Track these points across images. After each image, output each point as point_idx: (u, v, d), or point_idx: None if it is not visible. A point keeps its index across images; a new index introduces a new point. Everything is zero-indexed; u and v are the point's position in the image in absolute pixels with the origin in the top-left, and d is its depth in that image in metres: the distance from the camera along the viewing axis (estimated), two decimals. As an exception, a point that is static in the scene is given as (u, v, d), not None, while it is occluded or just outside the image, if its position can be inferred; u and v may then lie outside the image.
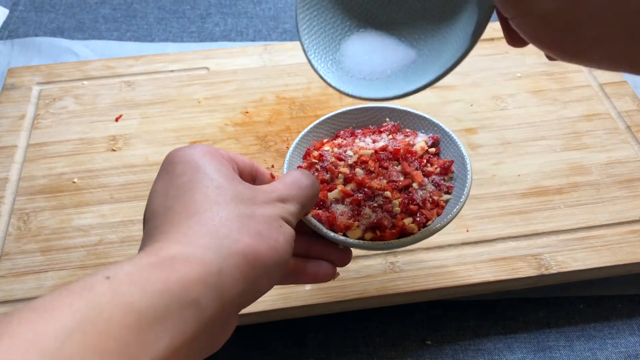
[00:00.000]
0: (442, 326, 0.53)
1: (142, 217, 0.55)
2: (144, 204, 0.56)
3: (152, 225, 0.31)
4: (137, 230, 0.54)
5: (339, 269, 0.41)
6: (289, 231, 0.33)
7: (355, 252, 0.52)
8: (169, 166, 0.34)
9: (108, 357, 0.23)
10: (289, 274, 0.38)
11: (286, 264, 0.33)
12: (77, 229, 0.55)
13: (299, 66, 0.71)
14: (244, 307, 0.31)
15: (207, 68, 0.71)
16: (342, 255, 0.41)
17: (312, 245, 0.40)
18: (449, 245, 0.53)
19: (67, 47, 0.80)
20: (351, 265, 0.51)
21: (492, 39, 0.74)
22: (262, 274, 0.30)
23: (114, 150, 0.62)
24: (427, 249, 0.53)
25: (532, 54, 0.72)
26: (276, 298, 0.49)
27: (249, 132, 0.63)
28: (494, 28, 0.75)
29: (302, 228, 0.39)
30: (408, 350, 0.52)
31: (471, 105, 0.66)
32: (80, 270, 0.52)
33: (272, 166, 0.60)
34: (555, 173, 0.59)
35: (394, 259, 0.52)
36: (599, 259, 0.52)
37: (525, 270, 0.51)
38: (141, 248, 0.31)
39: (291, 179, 0.36)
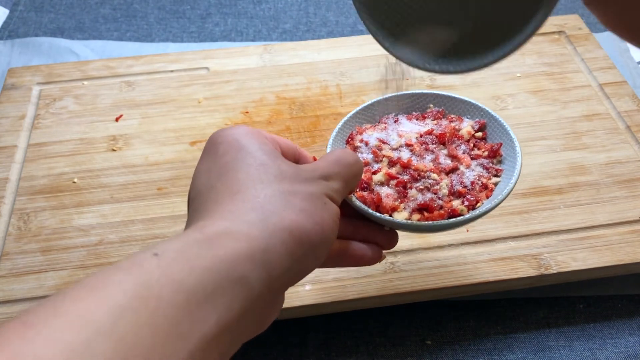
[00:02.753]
0: (442, 326, 0.53)
1: (142, 218, 0.55)
2: (144, 203, 0.56)
3: (196, 204, 0.31)
4: (137, 230, 0.54)
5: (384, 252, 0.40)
6: (333, 209, 0.32)
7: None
8: (211, 147, 0.33)
9: (160, 335, 0.23)
10: (334, 256, 0.37)
11: (332, 241, 0.32)
12: (77, 229, 0.55)
13: (299, 66, 0.71)
14: (291, 285, 0.31)
15: (207, 68, 0.71)
16: (389, 237, 0.39)
17: (357, 228, 0.39)
18: (449, 245, 0.53)
19: (67, 47, 0.80)
20: (351, 265, 0.51)
21: (492, 39, 0.74)
22: (308, 251, 0.30)
23: (114, 150, 0.62)
24: (427, 249, 0.53)
25: (532, 54, 0.72)
26: (276, 298, 0.49)
27: (249, 132, 0.63)
28: (494, 28, 0.75)
29: (346, 210, 0.38)
30: (408, 350, 0.52)
31: (471, 105, 0.66)
32: (81, 270, 0.52)
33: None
34: (555, 173, 0.59)
35: (394, 259, 0.52)
36: (599, 259, 0.52)
37: (525, 270, 0.51)
38: (186, 227, 0.30)
39: (334, 157, 0.35)
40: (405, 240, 0.53)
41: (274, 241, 0.28)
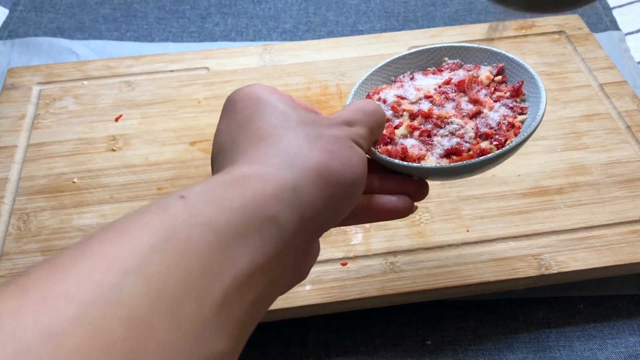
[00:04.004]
0: (442, 326, 0.53)
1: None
2: (144, 203, 0.56)
3: (220, 159, 0.31)
4: (137, 230, 0.54)
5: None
6: (360, 152, 0.32)
7: (355, 252, 0.52)
8: (230, 105, 0.33)
9: (191, 274, 0.22)
10: (363, 211, 0.36)
11: (362, 184, 0.32)
12: (77, 229, 0.55)
13: (299, 66, 0.71)
14: (326, 229, 0.31)
15: (207, 68, 0.71)
16: (419, 187, 0.38)
17: (384, 181, 0.38)
18: (449, 245, 0.53)
19: (67, 47, 0.80)
20: (351, 265, 0.51)
21: (492, 39, 0.74)
22: (338, 192, 0.29)
23: (114, 150, 0.62)
24: (427, 249, 0.53)
25: (532, 54, 0.72)
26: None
27: (249, 132, 0.63)
28: (493, 28, 0.75)
29: (372, 165, 0.37)
30: (408, 350, 0.52)
31: (471, 105, 0.66)
32: (80, 270, 0.52)
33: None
34: (555, 173, 0.59)
35: (394, 259, 0.52)
36: (599, 259, 0.52)
37: (526, 270, 0.51)
38: None
39: (355, 106, 0.35)
40: (405, 240, 0.53)
41: (302, 181, 0.28)
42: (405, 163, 0.37)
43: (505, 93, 0.42)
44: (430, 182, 0.39)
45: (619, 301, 0.55)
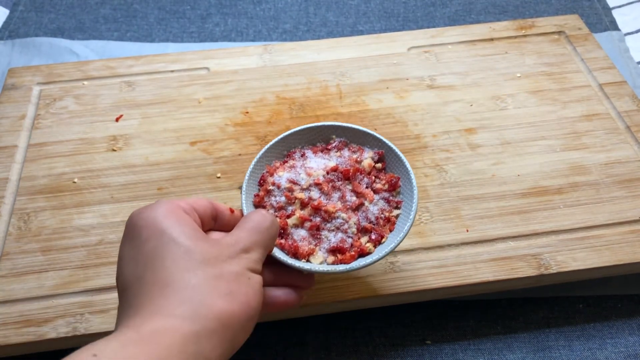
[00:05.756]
0: (442, 326, 0.53)
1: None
2: (144, 203, 0.56)
3: (127, 296, 0.33)
4: (138, 230, 0.54)
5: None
6: (257, 280, 0.35)
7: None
8: (133, 230, 0.35)
9: None
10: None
11: (258, 313, 0.35)
12: (77, 229, 0.55)
13: (299, 66, 0.71)
14: None
15: (207, 68, 0.71)
16: (307, 280, 0.43)
17: (278, 274, 0.41)
18: (449, 245, 0.53)
19: (67, 47, 0.80)
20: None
21: (492, 39, 0.74)
22: (237, 330, 0.32)
23: (114, 150, 0.62)
24: (427, 249, 0.53)
25: (532, 54, 0.72)
26: (276, 298, 0.49)
27: (249, 132, 0.63)
28: (493, 28, 0.75)
29: (267, 259, 0.40)
30: (408, 350, 0.52)
31: (471, 105, 0.66)
32: (81, 270, 0.52)
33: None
34: (555, 173, 0.59)
35: (393, 259, 0.52)
36: (599, 259, 0.52)
37: (525, 270, 0.51)
38: (119, 319, 0.32)
39: (251, 224, 0.38)
40: (405, 240, 0.53)
41: (205, 331, 0.30)
42: (297, 264, 0.42)
43: (384, 185, 0.48)
44: (428, 184, 0.40)
45: (618, 301, 0.55)
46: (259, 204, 0.46)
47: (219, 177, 0.59)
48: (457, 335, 0.53)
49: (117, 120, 0.65)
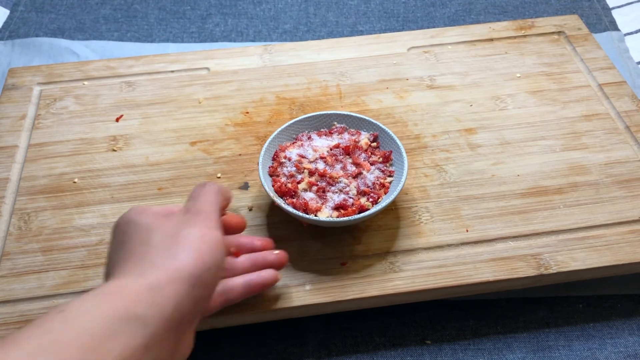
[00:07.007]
0: (442, 326, 0.53)
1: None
2: (144, 203, 0.57)
3: (106, 277, 0.38)
4: (138, 230, 0.54)
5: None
6: (210, 238, 0.38)
7: (355, 252, 0.53)
8: (114, 232, 0.40)
9: None
10: (245, 291, 0.45)
11: (216, 267, 0.37)
12: (77, 229, 0.55)
13: (299, 66, 0.71)
14: (192, 323, 0.36)
15: (207, 68, 0.71)
16: (279, 258, 0.48)
17: (254, 261, 0.47)
18: (449, 245, 0.53)
19: (67, 48, 0.81)
20: (351, 265, 0.52)
21: (492, 39, 0.74)
22: (193, 283, 0.35)
23: (114, 150, 0.62)
24: (427, 249, 0.53)
25: (532, 54, 0.72)
26: (276, 298, 0.49)
27: (249, 132, 0.63)
28: (493, 28, 0.76)
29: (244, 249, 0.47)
30: (408, 350, 0.52)
31: (471, 105, 0.66)
32: (81, 270, 0.52)
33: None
34: (555, 173, 0.59)
35: (393, 259, 0.52)
36: (599, 258, 0.52)
37: (525, 270, 0.51)
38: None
39: (196, 193, 0.42)
40: (404, 240, 0.53)
41: (157, 283, 0.34)
42: (307, 216, 0.50)
43: (378, 158, 0.55)
44: (428, 184, 0.41)
45: (618, 301, 0.55)
46: (272, 173, 0.54)
47: (219, 177, 0.59)
48: (457, 335, 0.53)
49: (117, 120, 0.65)
